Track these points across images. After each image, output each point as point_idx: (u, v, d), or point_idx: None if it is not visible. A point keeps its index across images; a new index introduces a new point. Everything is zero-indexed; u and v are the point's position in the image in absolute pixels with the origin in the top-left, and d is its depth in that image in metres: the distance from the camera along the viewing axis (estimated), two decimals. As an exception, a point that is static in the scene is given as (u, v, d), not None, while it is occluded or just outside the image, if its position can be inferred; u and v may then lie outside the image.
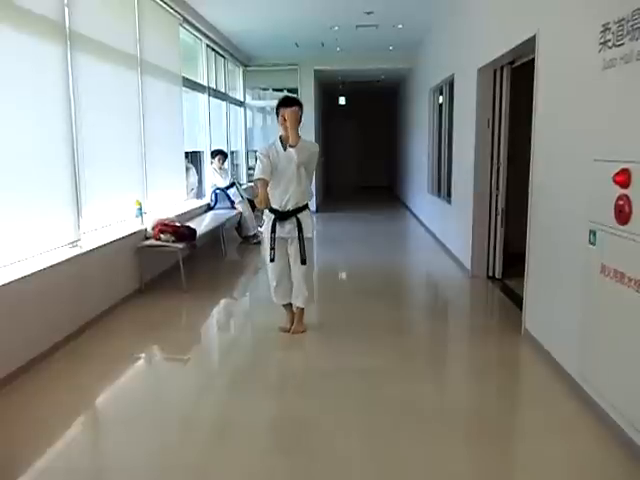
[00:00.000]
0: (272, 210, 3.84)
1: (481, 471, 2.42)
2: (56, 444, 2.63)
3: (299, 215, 3.86)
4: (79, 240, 4.19)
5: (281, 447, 2.61)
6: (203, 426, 2.80)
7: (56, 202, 3.95)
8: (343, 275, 6.44)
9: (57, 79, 3.94)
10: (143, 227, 5.25)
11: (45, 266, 3.61)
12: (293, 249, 3.89)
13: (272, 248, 3.86)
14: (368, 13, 7.21)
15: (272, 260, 3.90)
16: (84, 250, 4.15)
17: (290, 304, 4.07)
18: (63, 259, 3.84)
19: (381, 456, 2.49)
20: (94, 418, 3.03)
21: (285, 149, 3.77)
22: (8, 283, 3.22)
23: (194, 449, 2.56)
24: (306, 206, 3.94)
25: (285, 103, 3.77)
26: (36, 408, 2.94)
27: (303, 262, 3.87)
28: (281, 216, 3.85)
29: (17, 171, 3.49)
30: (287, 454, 2.54)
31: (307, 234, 3.88)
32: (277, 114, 3.79)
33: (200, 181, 7.98)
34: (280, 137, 3.84)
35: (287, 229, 3.86)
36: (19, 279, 3.32)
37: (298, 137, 3.76)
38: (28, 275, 3.41)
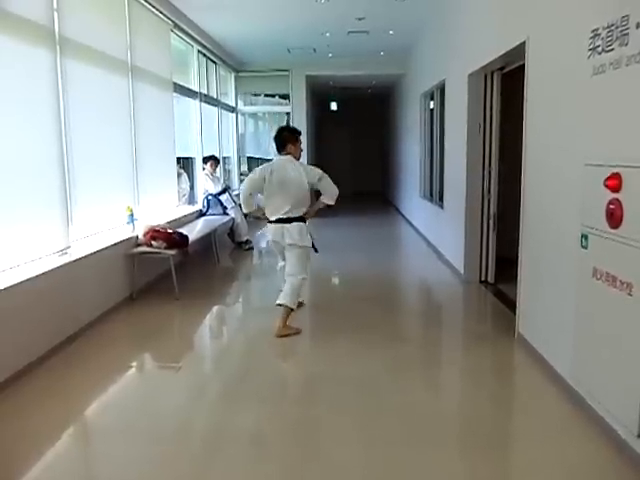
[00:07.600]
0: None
1: (477, 476, 2.40)
2: (47, 455, 2.59)
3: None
4: (69, 248, 4.15)
5: (276, 455, 2.58)
6: (196, 435, 2.77)
7: (45, 209, 3.91)
8: (336, 281, 6.43)
9: (46, 84, 3.91)
10: (134, 234, 5.21)
11: (33, 275, 3.55)
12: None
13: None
14: (359, 19, 7.25)
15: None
16: (74, 258, 4.11)
17: None
18: (52, 267, 3.78)
19: (377, 463, 2.47)
20: (85, 428, 2.98)
21: None
22: (-4, 292, 3.18)
23: (187, 459, 2.52)
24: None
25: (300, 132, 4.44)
26: (27, 418, 2.89)
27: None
28: None
29: (4, 178, 3.44)
30: (282, 462, 2.51)
31: None
32: (296, 140, 4.29)
33: (192, 187, 7.96)
34: (294, 157, 4.27)
35: None
36: (6, 288, 3.27)
37: None
38: (16, 284, 3.35)
